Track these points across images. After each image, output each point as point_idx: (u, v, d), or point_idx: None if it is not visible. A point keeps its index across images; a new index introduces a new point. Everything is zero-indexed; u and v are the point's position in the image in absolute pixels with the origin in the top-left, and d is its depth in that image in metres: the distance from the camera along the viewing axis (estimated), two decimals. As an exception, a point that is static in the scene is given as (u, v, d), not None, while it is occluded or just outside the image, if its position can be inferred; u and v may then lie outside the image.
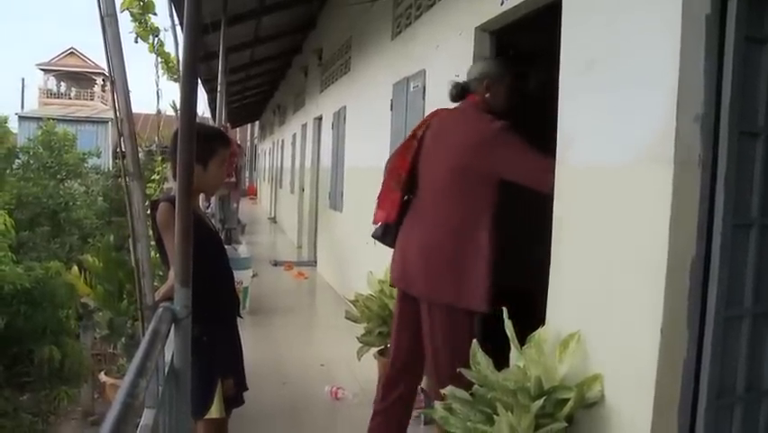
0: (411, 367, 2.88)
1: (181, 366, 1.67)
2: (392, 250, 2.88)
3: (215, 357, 2.33)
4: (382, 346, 3.69)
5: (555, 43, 2.39)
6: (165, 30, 5.50)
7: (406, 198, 2.86)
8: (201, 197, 3.15)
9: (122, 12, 3.55)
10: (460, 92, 2.80)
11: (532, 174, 2.57)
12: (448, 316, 2.64)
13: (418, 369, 2.89)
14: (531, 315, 2.51)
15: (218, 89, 7.28)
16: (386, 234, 2.91)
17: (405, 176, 2.83)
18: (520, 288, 3.07)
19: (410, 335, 2.83)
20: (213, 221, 3.88)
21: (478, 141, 2.62)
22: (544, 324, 2.34)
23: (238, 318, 2.59)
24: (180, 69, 1.58)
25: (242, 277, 5.66)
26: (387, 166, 2.97)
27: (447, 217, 2.66)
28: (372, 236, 2.99)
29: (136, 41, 4.33)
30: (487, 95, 2.73)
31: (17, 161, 13.77)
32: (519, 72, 3.67)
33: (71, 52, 32.77)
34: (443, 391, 2.49)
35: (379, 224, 2.93)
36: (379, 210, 2.94)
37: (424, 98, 4.01)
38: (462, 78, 2.84)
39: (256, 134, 28.79)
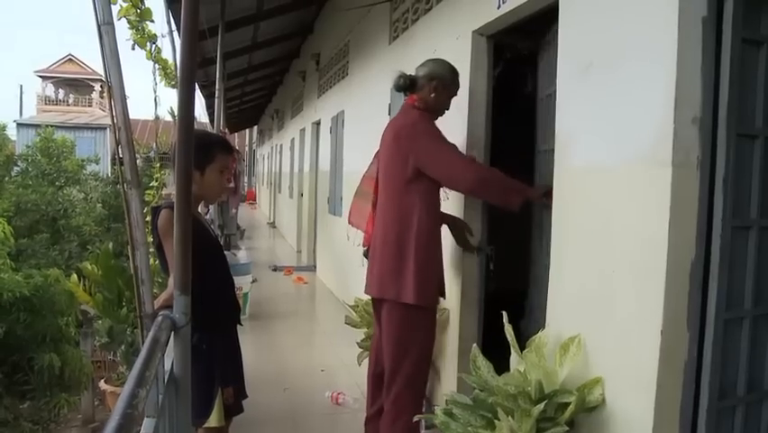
0: None
1: (181, 374, 1.66)
2: None
3: (215, 365, 2.32)
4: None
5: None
6: (163, 36, 5.51)
7: None
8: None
9: (119, 19, 3.54)
10: (407, 84, 2.88)
11: (448, 170, 2.67)
12: (391, 311, 2.75)
13: None
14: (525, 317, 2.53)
15: (216, 95, 7.28)
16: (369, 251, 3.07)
17: (374, 197, 3.03)
18: (516, 291, 3.10)
19: None
20: (212, 227, 3.87)
21: (401, 132, 2.76)
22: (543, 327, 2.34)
23: (238, 325, 2.58)
24: (178, 74, 1.57)
25: (241, 283, 5.65)
26: (359, 188, 3.18)
27: (388, 217, 2.79)
28: (363, 255, 3.17)
29: (133, 48, 4.32)
30: (432, 95, 2.83)
31: (16, 168, 13.78)
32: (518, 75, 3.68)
33: (69, 59, 32.75)
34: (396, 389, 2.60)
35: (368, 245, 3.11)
36: (365, 234, 3.16)
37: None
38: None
39: (254, 139, 28.79)
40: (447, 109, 2.94)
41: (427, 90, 2.82)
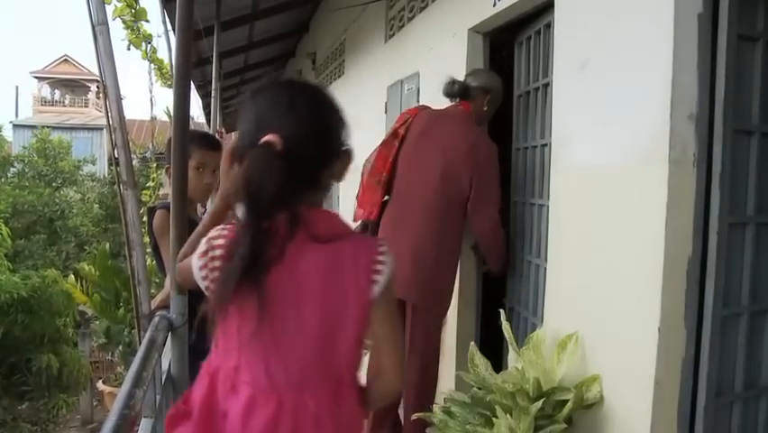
0: None
1: (179, 375, 1.66)
2: None
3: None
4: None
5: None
6: (158, 36, 5.48)
7: (386, 197, 2.90)
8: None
9: (113, 19, 3.54)
10: (460, 92, 2.80)
11: (486, 206, 2.64)
12: (426, 319, 2.73)
13: None
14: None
15: (212, 95, 7.26)
16: (364, 233, 2.90)
17: (386, 176, 2.87)
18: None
19: None
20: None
21: (476, 150, 2.66)
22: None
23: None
24: (173, 74, 1.57)
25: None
26: (366, 166, 3.02)
27: (434, 224, 2.70)
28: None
29: (129, 49, 4.32)
30: (485, 108, 2.80)
31: (12, 169, 13.76)
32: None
33: (65, 60, 32.65)
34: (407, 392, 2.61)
35: (359, 222, 2.93)
36: (359, 208, 2.95)
37: (418, 100, 4.00)
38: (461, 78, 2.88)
39: (252, 139, 28.70)
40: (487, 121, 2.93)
41: (481, 102, 2.78)
